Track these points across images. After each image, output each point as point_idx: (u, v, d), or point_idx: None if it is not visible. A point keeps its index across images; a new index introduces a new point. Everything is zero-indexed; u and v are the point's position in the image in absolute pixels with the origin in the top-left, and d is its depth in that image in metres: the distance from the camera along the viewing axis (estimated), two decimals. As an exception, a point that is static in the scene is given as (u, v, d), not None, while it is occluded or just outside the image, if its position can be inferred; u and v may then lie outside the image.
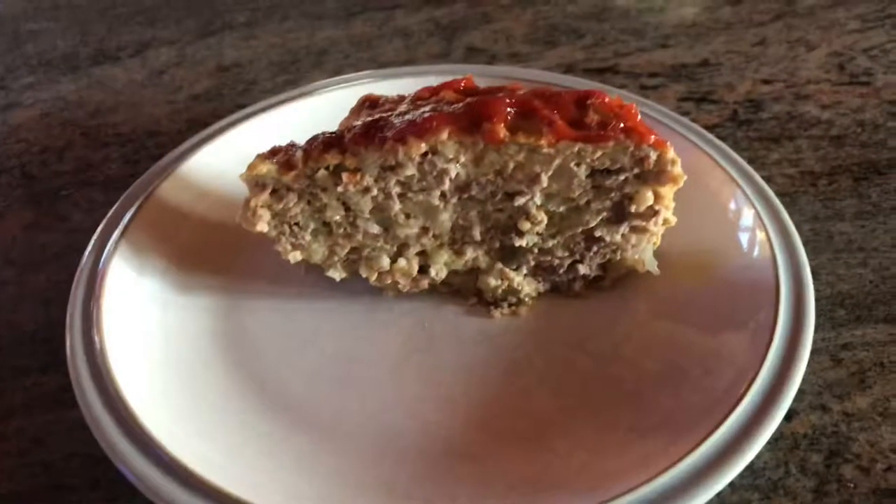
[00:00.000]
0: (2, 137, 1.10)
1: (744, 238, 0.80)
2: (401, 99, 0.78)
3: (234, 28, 1.31)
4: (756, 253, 0.79)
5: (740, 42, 1.20)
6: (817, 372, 0.75)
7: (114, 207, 0.85)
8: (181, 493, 0.61)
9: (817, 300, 0.80)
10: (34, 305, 0.86)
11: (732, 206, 0.83)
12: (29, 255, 0.92)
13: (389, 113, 0.74)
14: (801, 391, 0.68)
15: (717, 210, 0.84)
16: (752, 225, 0.81)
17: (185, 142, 0.94)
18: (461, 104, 0.72)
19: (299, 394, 0.73)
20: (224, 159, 0.92)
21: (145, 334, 0.76)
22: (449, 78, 0.80)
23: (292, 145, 0.75)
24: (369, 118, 0.73)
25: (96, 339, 0.72)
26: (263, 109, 0.98)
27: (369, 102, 0.78)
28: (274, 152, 0.76)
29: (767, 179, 0.95)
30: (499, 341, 0.77)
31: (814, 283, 0.81)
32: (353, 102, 0.97)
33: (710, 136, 0.91)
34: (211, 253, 0.85)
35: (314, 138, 0.74)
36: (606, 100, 0.72)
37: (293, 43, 1.26)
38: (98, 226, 0.84)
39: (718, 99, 1.10)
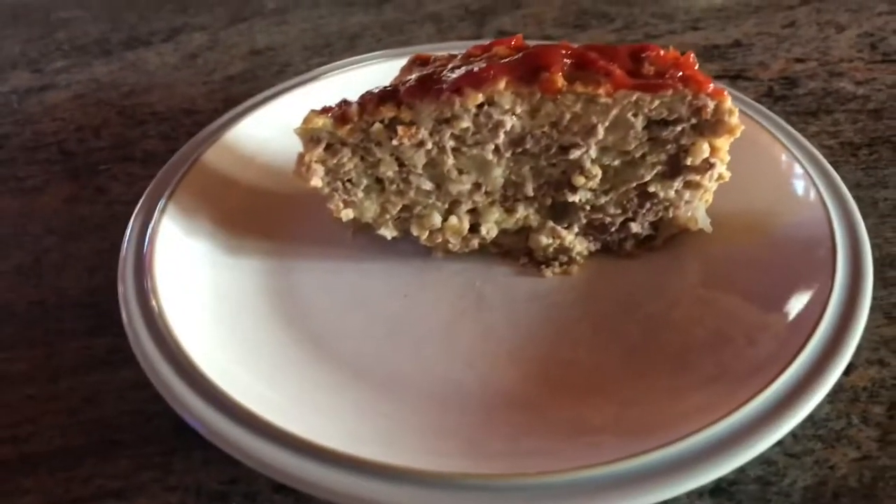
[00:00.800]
0: (38, 116, 1.10)
1: (796, 196, 0.80)
2: (451, 57, 0.77)
3: (265, 15, 1.31)
4: (809, 211, 0.78)
5: (770, 24, 1.21)
6: (872, 329, 0.75)
7: (160, 172, 0.84)
8: (248, 438, 0.60)
9: None
10: (78, 272, 0.86)
11: (782, 165, 0.83)
12: (70, 226, 0.92)
13: (442, 68, 0.74)
14: (857, 347, 0.67)
15: (768, 169, 0.83)
16: (803, 184, 0.81)
17: (227, 112, 0.94)
18: (518, 55, 0.72)
19: (354, 348, 0.72)
20: (268, 128, 0.92)
21: (198, 292, 0.75)
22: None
23: (346, 101, 0.75)
24: (423, 73, 0.73)
25: (151, 296, 0.71)
26: (307, 81, 0.98)
27: (420, 60, 0.78)
28: (325, 110, 0.76)
29: (808, 150, 0.95)
30: (550, 300, 0.76)
31: None
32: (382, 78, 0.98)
33: (756, 103, 0.91)
34: (258, 217, 0.84)
35: (368, 93, 0.74)
36: (661, 52, 0.72)
37: (325, 28, 1.27)
38: (140, 197, 0.83)
39: (753, 76, 1.10)
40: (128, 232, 0.78)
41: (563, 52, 0.71)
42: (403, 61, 0.97)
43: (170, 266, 0.76)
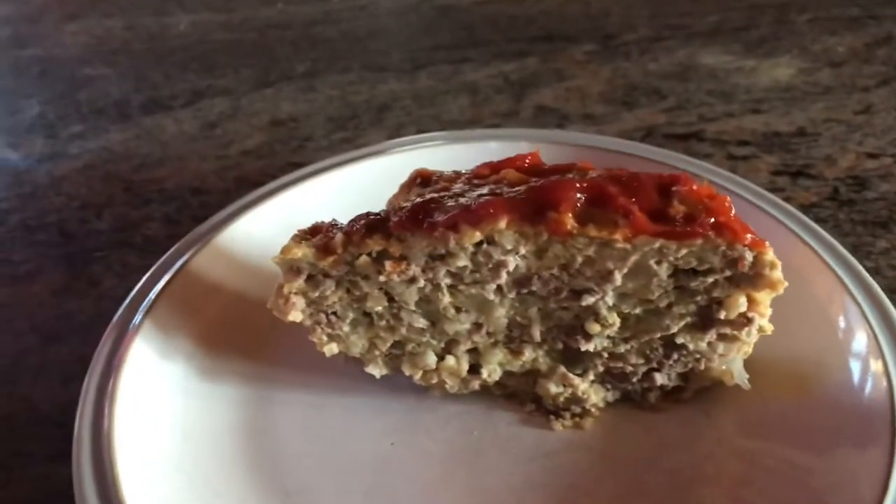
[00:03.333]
0: (43, 189, 1.05)
1: (850, 348, 0.69)
2: (457, 176, 0.69)
3: (293, 78, 1.25)
4: (865, 367, 0.67)
5: (842, 109, 1.08)
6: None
7: (141, 281, 0.78)
8: None
9: None
10: (53, 382, 0.80)
11: (836, 307, 0.72)
12: (55, 323, 0.86)
13: (442, 193, 0.65)
14: None
15: (819, 312, 0.72)
16: (859, 332, 0.69)
17: (228, 206, 0.86)
18: (523, 187, 0.63)
19: (325, 509, 0.64)
20: (266, 228, 0.85)
21: (162, 428, 0.68)
22: (512, 144, 0.71)
23: (333, 225, 0.67)
24: (419, 199, 0.64)
25: (105, 435, 0.65)
26: (310, 175, 0.90)
27: (421, 179, 0.70)
28: (313, 231, 0.68)
29: (874, 272, 0.84)
30: (557, 460, 0.66)
31: None
32: (409, 168, 0.90)
33: (811, 222, 0.79)
34: (243, 333, 0.77)
35: (357, 219, 0.66)
36: (695, 187, 0.62)
37: (353, 96, 1.19)
38: (130, 292, 0.77)
39: (817, 174, 0.98)
40: (96, 354, 0.71)
41: (578, 184, 0.61)
42: (418, 155, 0.90)
43: (136, 396, 0.69)
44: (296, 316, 0.66)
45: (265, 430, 0.70)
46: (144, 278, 0.78)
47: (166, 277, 0.78)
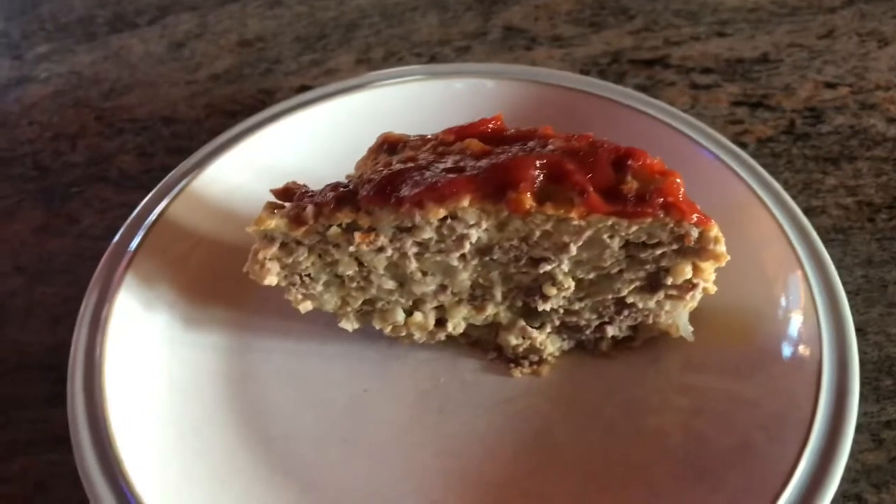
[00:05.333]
0: (15, 118, 1.06)
1: (787, 298, 0.74)
2: (423, 142, 0.71)
3: (260, -8, 1.23)
4: (798, 316, 0.73)
5: (805, 33, 1.09)
6: (855, 454, 0.70)
7: (120, 231, 0.80)
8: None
9: (863, 365, 0.75)
10: (42, 323, 0.84)
11: (776, 258, 0.76)
12: (38, 264, 0.89)
13: (408, 163, 0.68)
14: None
15: (759, 262, 0.77)
16: (796, 282, 0.74)
17: (200, 149, 0.88)
18: (486, 162, 0.66)
19: (305, 456, 0.70)
20: (239, 171, 0.87)
21: (150, 380, 0.73)
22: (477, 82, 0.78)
23: (304, 193, 0.70)
24: (386, 169, 0.67)
25: (97, 389, 0.70)
26: (281, 114, 0.91)
27: (388, 144, 0.72)
28: (286, 192, 0.71)
29: (821, 210, 0.89)
30: (516, 406, 0.73)
31: (861, 344, 0.77)
32: (375, 108, 0.92)
33: (759, 168, 0.82)
34: (223, 280, 0.80)
35: (327, 189, 0.69)
36: (648, 161, 0.65)
37: (321, 13, 1.18)
38: (109, 230, 0.81)
39: (776, 105, 1.01)
40: (82, 309, 0.75)
41: (538, 161, 0.64)
42: (381, 94, 0.91)
43: (123, 347, 0.73)
44: (271, 280, 0.70)
45: (247, 377, 0.75)
46: (122, 228, 0.81)
47: (144, 228, 0.81)
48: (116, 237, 0.80)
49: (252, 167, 0.88)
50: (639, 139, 0.85)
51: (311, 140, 0.91)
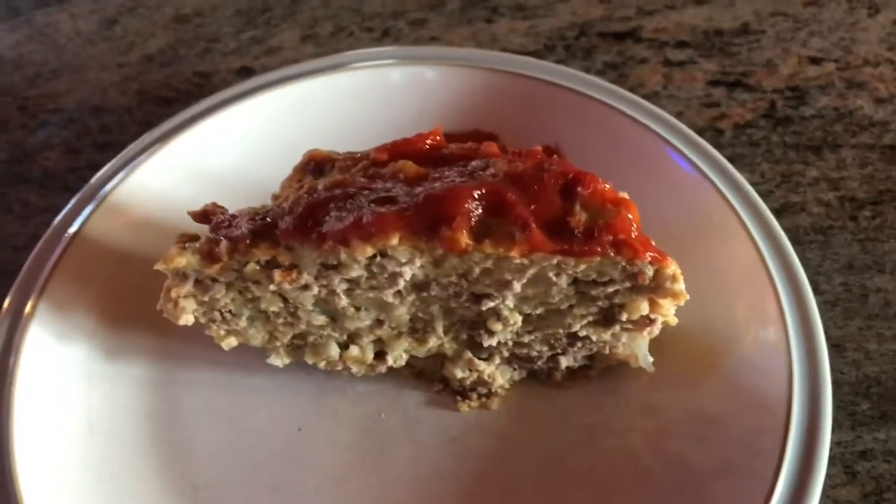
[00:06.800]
0: (-69, 109, 0.97)
1: (756, 320, 0.68)
2: (353, 161, 0.64)
3: (199, -41, 1.13)
4: (769, 339, 0.67)
5: (790, 1, 1.01)
6: (827, 489, 0.66)
7: (33, 252, 0.73)
8: None
9: (839, 386, 0.71)
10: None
11: (744, 271, 0.70)
12: (-47, 279, 0.82)
13: (334, 190, 0.60)
14: None
15: (725, 276, 0.71)
16: (765, 299, 0.68)
17: (126, 150, 0.80)
18: (420, 191, 0.58)
19: (232, 504, 0.65)
20: (170, 174, 0.80)
21: (66, 419, 0.68)
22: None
23: (221, 222, 0.62)
24: (308, 198, 0.60)
25: (3, 430, 0.64)
26: (215, 107, 0.83)
27: (314, 164, 0.65)
28: (203, 215, 0.65)
29: (800, 207, 0.82)
30: (463, 445, 0.67)
31: (838, 363, 0.72)
32: (316, 99, 0.84)
33: (732, 170, 0.75)
34: (148, 303, 0.71)
35: (244, 219, 0.61)
36: (598, 187, 0.58)
37: (265, -19, 1.09)
38: (31, 239, 0.76)
39: (755, 85, 0.93)
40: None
41: (474, 191, 0.57)
42: (320, 84, 0.84)
43: (36, 388, 0.67)
44: (188, 319, 0.64)
45: (172, 415, 0.69)
46: (35, 249, 0.74)
47: (59, 247, 0.74)
48: (30, 258, 0.73)
49: (181, 169, 0.81)
50: (603, 133, 0.80)
51: (246, 137, 0.84)
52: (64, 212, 0.77)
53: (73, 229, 0.75)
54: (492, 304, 0.61)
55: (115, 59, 1.01)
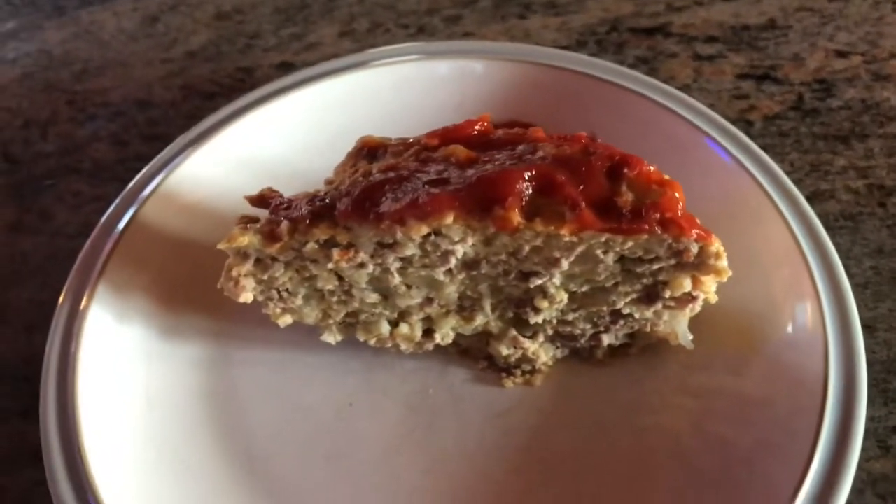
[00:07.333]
0: (-18, 103, 1.01)
1: (790, 296, 0.70)
2: (405, 147, 0.67)
3: (237, -42, 1.16)
4: (805, 319, 0.69)
5: (816, -5, 1.03)
6: (861, 462, 0.67)
7: (91, 237, 0.76)
8: None
9: (871, 365, 0.72)
10: (16, 331, 0.81)
11: (779, 253, 0.72)
12: (10, 265, 0.86)
13: (388, 173, 0.63)
14: None
15: (761, 258, 0.73)
16: (800, 280, 0.71)
17: (175, 142, 0.83)
18: (472, 173, 0.61)
19: (288, 476, 0.68)
20: (217, 164, 0.83)
21: (126, 396, 0.70)
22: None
23: (279, 204, 0.65)
24: (365, 181, 0.63)
25: (70, 406, 0.67)
26: (260, 101, 0.86)
27: (367, 150, 0.67)
28: (261, 200, 0.67)
29: (829, 195, 0.84)
30: (508, 421, 0.70)
31: (869, 342, 0.74)
32: (361, 91, 0.87)
33: (763, 155, 0.78)
34: (202, 287, 0.74)
35: (302, 201, 0.64)
36: (644, 169, 0.61)
37: (302, -20, 1.12)
38: (84, 227, 0.79)
39: (783, 78, 0.95)
40: (53, 323, 0.72)
41: (527, 173, 0.60)
42: (364, 77, 0.86)
43: (97, 363, 0.70)
44: (247, 297, 0.67)
45: (228, 392, 0.72)
46: (93, 234, 0.77)
47: (116, 232, 0.77)
48: (87, 244, 0.76)
49: (230, 159, 0.84)
50: (638, 124, 0.82)
51: (293, 128, 0.86)
52: (118, 200, 0.79)
53: (128, 216, 0.78)
54: (539, 282, 0.64)
55: (159, 55, 1.04)
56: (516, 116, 0.85)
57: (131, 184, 0.80)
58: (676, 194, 0.59)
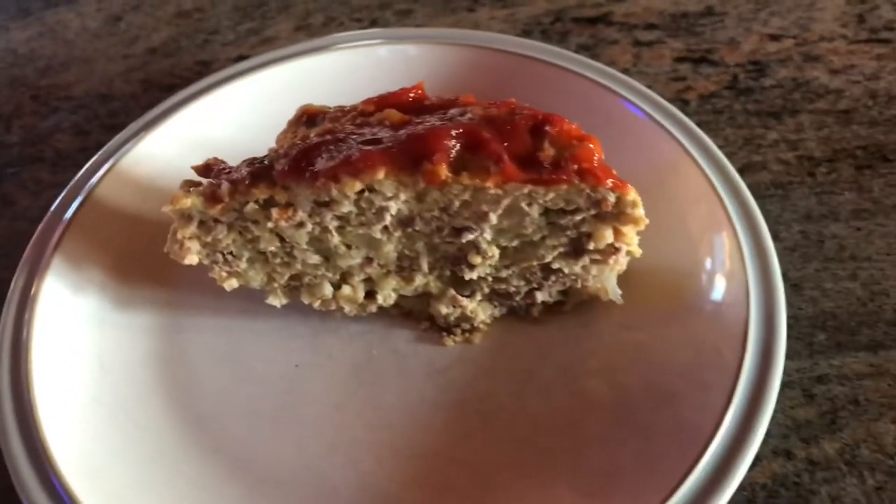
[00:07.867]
0: (-52, 99, 1.04)
1: (714, 254, 0.74)
2: (342, 114, 0.70)
3: (199, -40, 1.20)
4: (727, 271, 0.72)
5: (754, -21, 1.08)
6: (787, 410, 0.71)
7: (48, 213, 0.79)
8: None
9: (797, 320, 0.76)
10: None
11: (705, 215, 0.76)
12: (-28, 247, 0.88)
13: (325, 136, 0.67)
14: (766, 432, 0.63)
15: (688, 220, 0.77)
16: (725, 239, 0.74)
17: (130, 125, 0.87)
18: (403, 132, 0.65)
19: (236, 433, 0.70)
20: (169, 146, 0.86)
21: (79, 362, 0.73)
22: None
23: (222, 169, 0.69)
24: (302, 143, 0.66)
25: (23, 370, 0.70)
26: (211, 87, 0.90)
27: (307, 117, 0.71)
28: (206, 169, 0.70)
29: (762, 166, 0.88)
30: (448, 376, 0.72)
31: (796, 300, 0.77)
32: (310, 76, 0.91)
33: (691, 124, 0.82)
34: (154, 259, 0.77)
35: (242, 165, 0.68)
36: (565, 126, 0.65)
37: (260, -20, 1.16)
38: (44, 211, 0.80)
39: (719, 60, 0.99)
40: (9, 293, 0.75)
41: (454, 130, 0.64)
42: (312, 63, 0.90)
43: (52, 331, 0.73)
44: (192, 259, 0.70)
45: (178, 357, 0.75)
46: (51, 210, 0.80)
47: (72, 208, 0.80)
48: (44, 219, 0.79)
49: (182, 141, 0.87)
50: (569, 100, 0.86)
51: (243, 111, 0.90)
52: (74, 179, 0.83)
53: (83, 195, 0.81)
54: (471, 237, 0.67)
55: (121, 51, 1.08)
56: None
57: (88, 164, 0.84)
58: (592, 146, 0.63)
